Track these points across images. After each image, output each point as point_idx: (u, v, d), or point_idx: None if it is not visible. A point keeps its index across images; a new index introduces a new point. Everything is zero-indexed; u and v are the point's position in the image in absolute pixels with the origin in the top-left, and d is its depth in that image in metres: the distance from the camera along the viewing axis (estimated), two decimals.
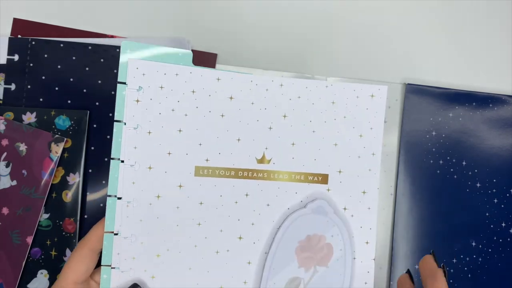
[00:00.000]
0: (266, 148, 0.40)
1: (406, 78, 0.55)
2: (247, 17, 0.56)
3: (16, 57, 0.58)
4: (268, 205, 0.40)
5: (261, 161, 0.40)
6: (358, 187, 0.40)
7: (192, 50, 0.55)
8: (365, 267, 0.39)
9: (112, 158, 0.38)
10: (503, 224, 0.52)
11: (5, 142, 0.54)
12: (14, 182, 0.54)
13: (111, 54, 0.58)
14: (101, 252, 0.38)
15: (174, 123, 0.39)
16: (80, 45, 0.57)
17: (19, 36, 0.58)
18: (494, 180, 0.54)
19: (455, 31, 0.57)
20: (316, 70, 0.55)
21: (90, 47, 0.57)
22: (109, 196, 0.38)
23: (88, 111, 0.55)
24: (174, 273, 0.39)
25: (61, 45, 0.57)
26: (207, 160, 0.39)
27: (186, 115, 0.39)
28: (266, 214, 0.40)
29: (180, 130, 0.39)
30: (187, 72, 0.38)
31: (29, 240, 0.54)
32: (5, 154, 0.54)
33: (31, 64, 0.58)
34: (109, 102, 0.57)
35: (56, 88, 0.57)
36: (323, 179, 0.40)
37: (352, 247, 0.40)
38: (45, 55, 0.57)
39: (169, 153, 0.39)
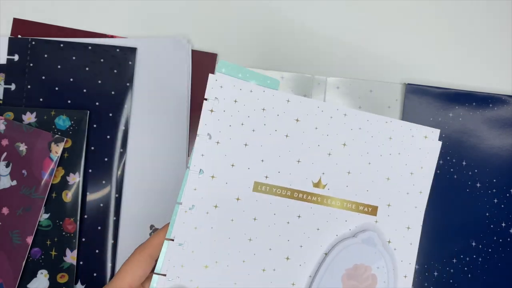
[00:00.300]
0: (323, 173, 0.51)
1: (406, 78, 0.68)
2: (247, 17, 0.68)
3: (16, 57, 0.66)
4: (318, 229, 0.50)
5: (316, 185, 0.51)
6: (404, 222, 0.52)
7: (192, 50, 0.68)
8: None
9: (188, 167, 0.48)
10: (503, 224, 0.63)
11: (5, 142, 0.62)
12: (14, 182, 0.61)
13: (111, 54, 0.66)
14: (157, 259, 0.46)
15: (241, 137, 0.49)
16: (80, 45, 0.66)
17: (19, 36, 0.66)
18: (494, 180, 0.67)
19: (455, 31, 0.70)
20: (316, 70, 0.67)
21: (90, 47, 0.66)
22: (177, 203, 0.47)
23: (88, 111, 0.64)
24: (219, 286, 0.48)
25: (61, 45, 0.66)
26: (266, 177, 0.50)
27: (253, 130, 0.50)
28: (315, 238, 0.50)
29: (246, 144, 0.50)
30: (260, 90, 0.49)
31: (29, 240, 0.61)
32: (5, 154, 0.62)
33: (31, 64, 0.66)
34: (109, 102, 0.66)
35: (56, 88, 0.65)
36: (373, 210, 0.51)
37: (395, 281, 0.51)
38: (45, 55, 0.66)
39: (232, 165, 0.49)
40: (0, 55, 0.65)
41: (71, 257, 0.65)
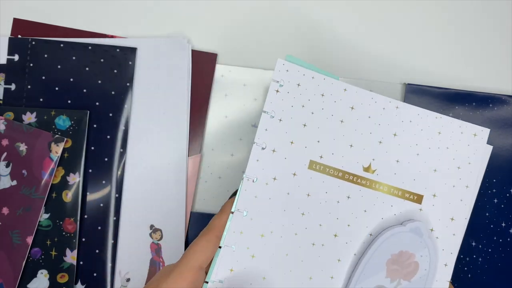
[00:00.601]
0: (373, 159, 0.67)
1: (406, 78, 0.82)
2: (247, 17, 0.81)
3: (16, 57, 0.77)
4: (365, 211, 0.66)
5: (366, 169, 0.67)
6: (448, 213, 0.67)
7: (192, 50, 0.77)
8: (440, 286, 0.66)
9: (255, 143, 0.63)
10: (503, 224, 0.76)
11: (5, 142, 0.72)
12: (14, 182, 0.71)
13: (111, 54, 0.77)
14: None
15: (301, 118, 0.66)
16: (80, 45, 0.77)
17: (19, 36, 0.77)
18: (494, 180, 0.81)
19: (455, 31, 0.82)
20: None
21: (90, 47, 0.77)
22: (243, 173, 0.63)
23: (88, 111, 0.75)
24: (272, 255, 0.63)
25: (61, 45, 0.77)
26: (321, 157, 0.66)
27: (312, 113, 0.66)
28: (362, 219, 0.66)
29: (304, 125, 0.66)
30: (321, 78, 0.66)
31: (29, 240, 0.71)
32: (5, 154, 0.72)
33: (31, 64, 0.77)
34: (109, 102, 0.77)
35: (56, 88, 0.76)
36: (418, 199, 0.67)
37: (435, 269, 0.66)
38: (45, 55, 0.77)
39: (291, 142, 0.65)
40: (0, 55, 0.76)
41: (71, 257, 0.77)
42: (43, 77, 0.76)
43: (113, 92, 0.76)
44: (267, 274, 0.63)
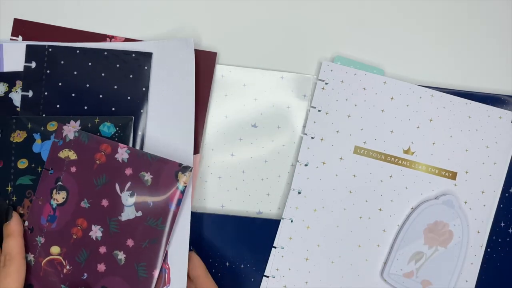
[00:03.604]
0: (412, 143, 0.80)
1: (405, 78, 0.86)
2: (247, 17, 0.80)
3: (33, 64, 0.76)
4: (406, 188, 0.80)
5: (406, 152, 0.80)
6: (479, 187, 0.80)
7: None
8: (473, 252, 0.79)
9: (305, 134, 0.79)
10: (502, 224, 0.79)
11: (128, 171, 0.70)
12: (139, 213, 0.69)
13: (127, 60, 0.76)
14: None
15: (345, 109, 0.80)
16: (96, 51, 0.76)
17: (20, 36, 0.78)
18: None
19: (454, 30, 0.81)
20: (317, 70, 0.79)
21: (105, 53, 0.76)
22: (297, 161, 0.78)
23: (133, 117, 0.74)
24: (325, 227, 0.79)
25: (77, 51, 0.76)
26: (364, 142, 0.80)
27: (355, 105, 0.80)
28: (403, 195, 0.80)
29: (349, 116, 0.80)
30: (362, 73, 0.80)
31: (155, 273, 0.69)
32: (129, 183, 0.70)
33: (48, 71, 0.76)
34: (126, 107, 0.76)
35: (73, 95, 0.76)
36: (452, 175, 0.80)
37: (468, 236, 0.79)
38: (62, 62, 0.76)
39: (337, 131, 0.80)
40: (18, 62, 0.76)
41: None
42: (60, 84, 0.76)
43: (129, 98, 0.76)
44: (321, 242, 0.78)
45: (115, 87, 0.76)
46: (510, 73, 0.83)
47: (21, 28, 0.79)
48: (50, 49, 0.76)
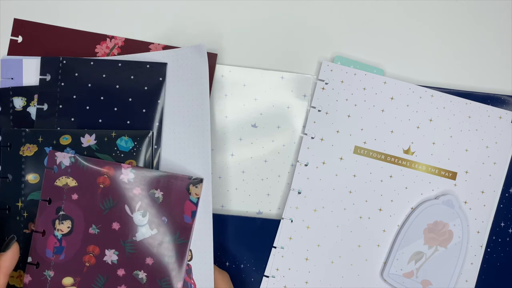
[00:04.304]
0: (412, 143, 0.81)
1: (405, 78, 0.87)
2: (248, 17, 0.81)
3: (48, 77, 0.75)
4: (406, 188, 0.80)
5: (406, 152, 0.81)
6: (479, 187, 0.81)
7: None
8: (473, 251, 0.80)
9: (305, 134, 0.79)
10: (502, 224, 0.80)
11: (137, 191, 0.69)
12: (155, 231, 0.69)
13: (141, 71, 0.75)
14: None
15: (345, 109, 0.80)
16: (110, 62, 0.75)
17: (20, 36, 0.78)
18: None
19: (454, 31, 0.82)
20: (317, 70, 0.80)
21: (120, 64, 0.74)
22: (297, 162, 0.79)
23: (151, 131, 0.73)
24: (325, 226, 0.79)
25: (91, 62, 0.75)
26: (364, 142, 0.80)
27: (355, 105, 0.81)
28: (403, 195, 0.80)
29: (349, 116, 0.80)
30: (362, 73, 0.80)
31: (180, 285, 0.69)
32: (139, 203, 0.70)
33: (63, 84, 0.75)
34: (141, 120, 0.74)
35: (87, 107, 0.74)
36: (452, 176, 0.81)
37: (468, 236, 0.80)
38: (76, 74, 0.75)
39: (337, 131, 0.80)
40: (37, 76, 0.75)
41: None
42: (74, 96, 0.74)
43: (144, 110, 0.74)
44: (321, 242, 0.79)
45: (130, 99, 0.75)
46: (510, 73, 0.84)
47: (21, 28, 0.79)
48: (64, 61, 0.75)
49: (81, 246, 0.69)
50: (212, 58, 0.79)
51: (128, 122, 0.74)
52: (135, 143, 0.72)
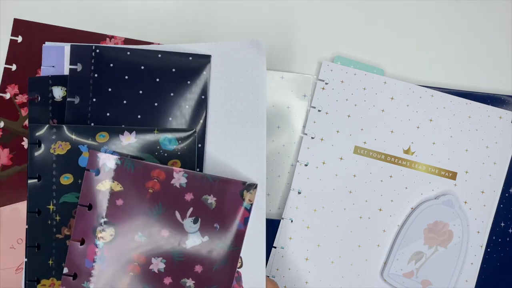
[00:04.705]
0: (412, 143, 0.81)
1: (405, 78, 0.87)
2: (247, 17, 0.81)
3: (79, 67, 0.68)
4: (406, 188, 0.81)
5: (406, 152, 0.81)
6: (479, 187, 0.81)
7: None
8: (473, 251, 0.80)
9: (305, 134, 0.79)
10: (502, 224, 0.81)
11: (189, 196, 0.66)
12: (206, 238, 0.66)
13: (184, 63, 0.69)
14: None
15: (345, 110, 0.81)
16: (149, 52, 0.68)
17: (20, 36, 0.77)
18: None
19: (454, 31, 0.83)
20: (317, 70, 0.81)
21: (160, 55, 0.68)
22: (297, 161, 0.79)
23: (195, 130, 0.68)
24: (325, 226, 0.79)
25: (128, 52, 0.68)
26: (364, 142, 0.81)
27: (355, 105, 0.81)
28: (403, 195, 0.81)
29: (349, 116, 0.81)
30: (362, 73, 0.81)
31: None
32: (191, 209, 0.66)
33: (96, 75, 0.68)
34: (183, 117, 0.69)
35: (124, 102, 0.68)
36: (453, 176, 0.81)
37: (468, 236, 0.80)
38: (111, 64, 0.68)
39: (337, 131, 0.81)
40: (64, 65, 0.69)
41: None
42: (109, 89, 0.68)
43: (187, 106, 0.69)
44: (321, 242, 0.80)
45: (172, 94, 0.69)
46: (510, 73, 0.84)
47: (21, 28, 0.78)
48: (97, 50, 0.68)
49: (125, 255, 0.65)
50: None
51: (170, 119, 0.69)
52: (179, 142, 0.68)
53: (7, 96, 0.78)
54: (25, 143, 0.78)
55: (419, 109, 0.81)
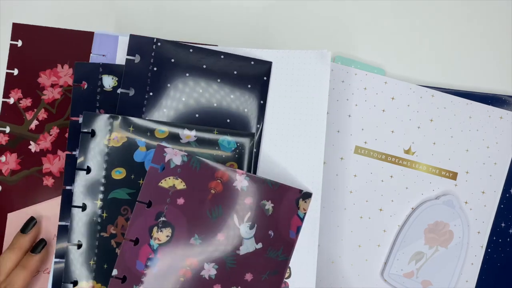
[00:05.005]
0: (413, 143, 0.81)
1: (406, 78, 0.87)
2: (247, 17, 0.81)
3: (137, 58, 0.67)
4: (406, 188, 0.81)
5: (407, 152, 0.81)
6: (479, 187, 0.81)
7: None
8: (473, 252, 0.81)
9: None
10: (503, 224, 0.81)
11: (248, 200, 0.64)
12: (259, 245, 0.64)
13: (245, 67, 0.69)
14: None
15: (346, 109, 0.81)
16: (212, 52, 0.68)
17: (19, 40, 0.77)
18: None
19: (455, 30, 0.83)
20: None
21: (222, 56, 0.69)
22: None
23: (255, 133, 0.68)
24: (326, 225, 0.79)
25: (190, 50, 0.68)
26: (365, 142, 0.81)
27: (356, 105, 0.81)
28: (404, 195, 0.81)
29: (349, 115, 0.81)
30: (363, 74, 0.81)
31: None
32: (249, 214, 0.64)
33: (155, 69, 0.67)
34: (241, 120, 0.68)
35: (183, 99, 0.67)
36: (453, 176, 0.81)
37: (468, 237, 0.80)
38: (172, 60, 0.67)
39: (338, 131, 0.81)
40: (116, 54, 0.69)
41: None
42: (168, 85, 0.67)
43: (246, 110, 0.69)
44: (321, 242, 0.79)
45: (232, 96, 0.69)
46: (511, 74, 0.85)
47: (21, 32, 0.78)
48: (159, 43, 0.68)
49: (178, 258, 0.63)
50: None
51: (228, 120, 0.69)
52: (238, 144, 0.67)
53: (11, 101, 0.78)
54: (32, 146, 0.77)
55: (420, 109, 0.81)
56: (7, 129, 0.77)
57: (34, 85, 0.78)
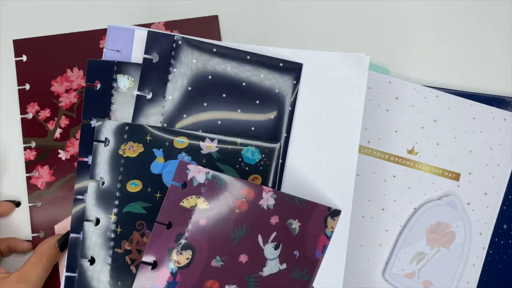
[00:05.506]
0: (416, 143, 0.81)
1: (410, 78, 0.88)
2: (247, 17, 0.81)
3: (155, 58, 0.61)
4: (409, 188, 0.81)
5: (410, 152, 0.81)
6: (482, 188, 0.82)
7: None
8: (475, 253, 0.81)
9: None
10: (505, 226, 0.81)
11: (274, 219, 0.60)
12: (284, 266, 0.61)
13: (273, 69, 0.64)
14: None
15: None
16: (237, 52, 0.63)
17: (24, 56, 0.76)
18: None
19: (457, 31, 0.84)
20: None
21: (248, 57, 0.63)
22: None
23: (281, 144, 0.63)
24: None
25: (214, 49, 0.62)
26: (368, 142, 0.81)
27: None
28: (406, 195, 0.81)
29: None
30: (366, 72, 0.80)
31: None
32: (274, 234, 0.60)
33: (175, 70, 0.61)
34: (267, 128, 0.63)
35: (205, 104, 0.62)
36: (456, 176, 0.81)
37: (470, 238, 0.80)
38: (194, 60, 0.62)
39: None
40: (132, 52, 0.63)
41: None
42: (189, 88, 0.62)
43: (272, 117, 0.63)
44: None
45: (257, 101, 0.64)
46: None
47: (23, 47, 0.77)
48: (179, 42, 0.62)
49: (198, 281, 0.59)
50: (214, 21, 0.77)
51: (252, 128, 0.63)
52: (263, 155, 0.63)
53: (30, 116, 0.77)
54: (61, 155, 0.76)
55: (424, 109, 0.82)
56: (33, 144, 0.76)
57: (48, 95, 0.77)
